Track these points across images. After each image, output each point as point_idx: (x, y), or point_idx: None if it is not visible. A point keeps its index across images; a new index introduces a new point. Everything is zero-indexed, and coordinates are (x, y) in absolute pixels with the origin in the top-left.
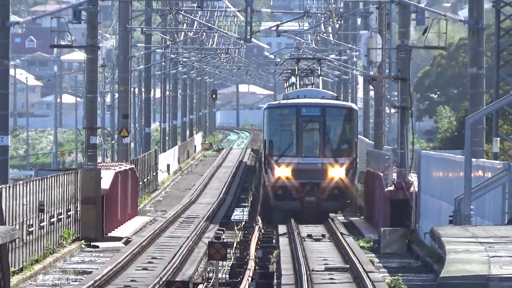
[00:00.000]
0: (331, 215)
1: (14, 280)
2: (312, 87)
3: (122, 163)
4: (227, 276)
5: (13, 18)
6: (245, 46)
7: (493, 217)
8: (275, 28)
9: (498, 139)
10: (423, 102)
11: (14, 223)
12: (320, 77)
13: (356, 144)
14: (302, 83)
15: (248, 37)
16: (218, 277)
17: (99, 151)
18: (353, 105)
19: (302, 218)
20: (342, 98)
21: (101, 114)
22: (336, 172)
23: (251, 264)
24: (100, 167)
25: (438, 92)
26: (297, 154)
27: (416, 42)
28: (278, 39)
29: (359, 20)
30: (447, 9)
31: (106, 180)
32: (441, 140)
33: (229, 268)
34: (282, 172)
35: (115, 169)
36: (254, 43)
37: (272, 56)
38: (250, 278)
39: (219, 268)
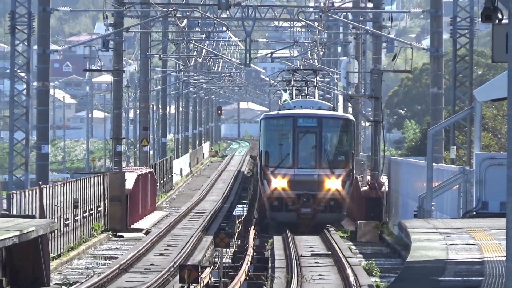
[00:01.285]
0: None
1: (53, 264)
2: (306, 97)
3: (142, 168)
4: (230, 260)
5: (52, 47)
6: (245, 70)
7: (451, 212)
8: (270, 55)
9: (455, 147)
10: (392, 116)
11: (53, 217)
12: (316, 88)
13: (353, 156)
14: (295, 97)
15: (247, 62)
16: (223, 261)
17: (123, 158)
18: (350, 116)
19: (298, 230)
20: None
21: (125, 127)
22: (333, 184)
23: (250, 251)
24: (124, 170)
25: (405, 108)
26: (293, 165)
27: (387, 67)
28: (272, 64)
29: (339, 48)
30: (413, 39)
31: (130, 181)
32: (407, 148)
33: (231, 254)
34: (278, 183)
35: (137, 172)
36: (252, 68)
37: (267, 79)
38: (249, 262)
39: (224, 254)
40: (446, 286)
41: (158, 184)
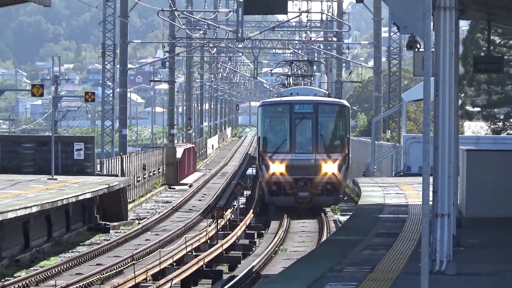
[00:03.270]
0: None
1: (130, 206)
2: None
3: (187, 144)
4: (244, 205)
5: (129, 65)
6: (253, 81)
7: (386, 172)
8: (270, 71)
9: (389, 131)
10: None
11: (130, 176)
12: (312, 77)
13: (349, 140)
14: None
15: (255, 76)
16: (239, 204)
17: (175, 137)
18: (345, 102)
19: (295, 213)
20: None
21: (176, 117)
22: (329, 168)
23: (256, 198)
24: (176, 146)
25: (357, 106)
26: (290, 151)
27: (345, 79)
28: (272, 77)
29: (315, 67)
30: (363, 60)
31: (179, 153)
32: (359, 132)
33: (245, 199)
34: (276, 168)
35: (184, 147)
36: (258, 79)
37: (268, 87)
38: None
39: (240, 199)
40: (384, 220)
41: (197, 154)
